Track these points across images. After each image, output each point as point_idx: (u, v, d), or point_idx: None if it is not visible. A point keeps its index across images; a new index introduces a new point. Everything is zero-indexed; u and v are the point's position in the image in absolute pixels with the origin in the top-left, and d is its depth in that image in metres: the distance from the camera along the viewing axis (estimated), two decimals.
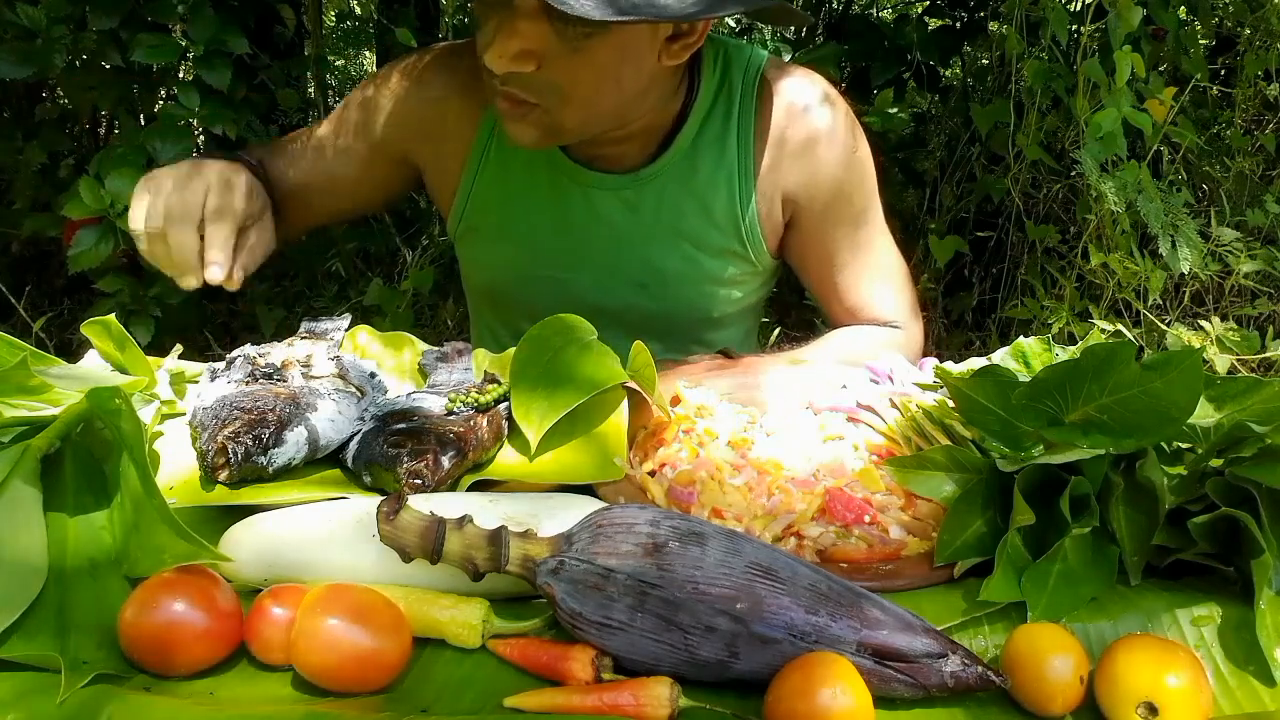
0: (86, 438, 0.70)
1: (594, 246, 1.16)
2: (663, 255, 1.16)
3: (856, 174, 1.16)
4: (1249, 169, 2.31)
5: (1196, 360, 0.67)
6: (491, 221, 1.19)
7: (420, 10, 2.59)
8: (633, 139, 1.11)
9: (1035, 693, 0.58)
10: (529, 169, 1.15)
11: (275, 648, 0.59)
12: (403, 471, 0.71)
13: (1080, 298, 1.99)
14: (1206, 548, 0.68)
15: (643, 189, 1.14)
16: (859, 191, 1.17)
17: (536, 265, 1.19)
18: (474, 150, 1.16)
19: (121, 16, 1.77)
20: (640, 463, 0.82)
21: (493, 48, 0.93)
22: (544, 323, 0.87)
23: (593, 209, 1.15)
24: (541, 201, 1.16)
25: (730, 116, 1.12)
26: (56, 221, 1.88)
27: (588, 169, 1.14)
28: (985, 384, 0.75)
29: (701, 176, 1.13)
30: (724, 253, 1.17)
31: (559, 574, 0.60)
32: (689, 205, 1.14)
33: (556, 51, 0.94)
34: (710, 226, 1.15)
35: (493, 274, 1.24)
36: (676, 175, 1.13)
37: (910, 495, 0.76)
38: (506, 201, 1.17)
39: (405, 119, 1.17)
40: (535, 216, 1.16)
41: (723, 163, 1.13)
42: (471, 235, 1.21)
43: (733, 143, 1.13)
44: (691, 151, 1.13)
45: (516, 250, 1.19)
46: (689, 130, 1.12)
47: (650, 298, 1.18)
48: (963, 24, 2.53)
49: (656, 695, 0.57)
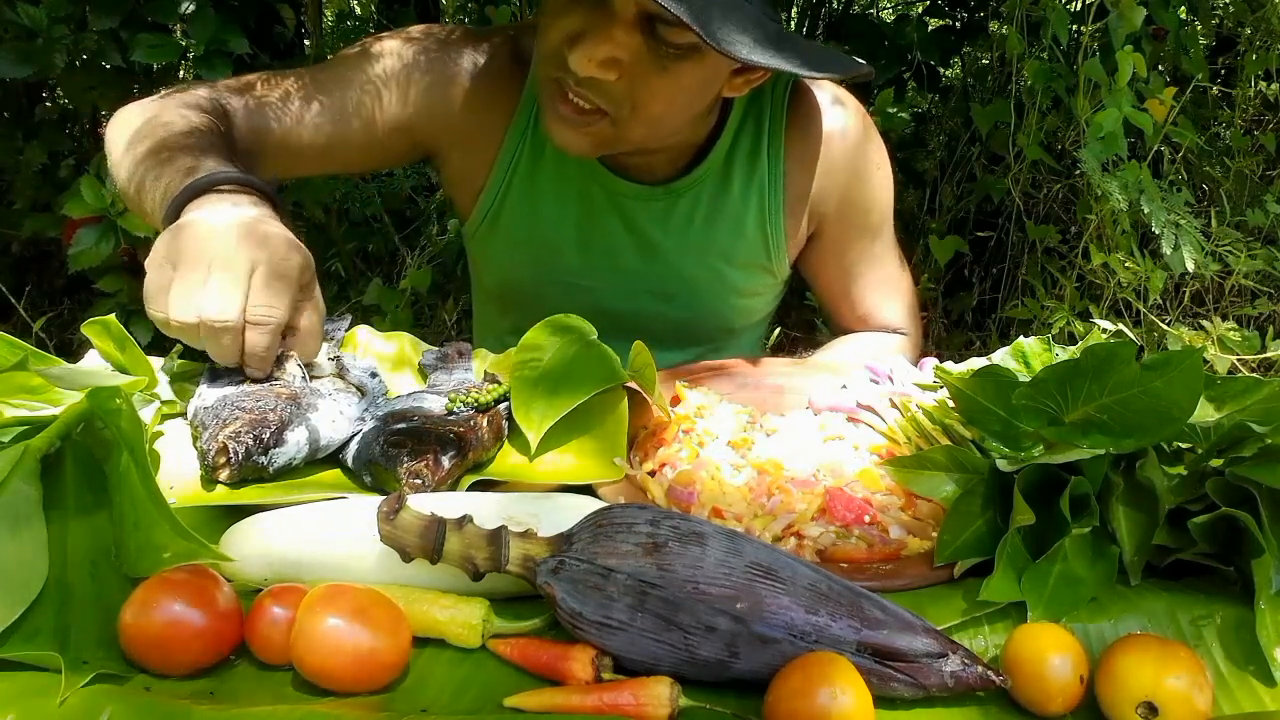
0: (86, 438, 0.69)
1: (620, 255, 1.16)
2: (691, 267, 1.17)
3: (879, 190, 1.19)
4: (1249, 169, 2.31)
5: (1196, 360, 0.67)
6: (516, 226, 1.16)
7: (420, 10, 2.59)
8: (666, 150, 1.10)
9: (1035, 693, 0.58)
10: (559, 173, 1.13)
11: (275, 648, 0.59)
12: (403, 471, 0.71)
13: (1080, 298, 1.99)
14: (1206, 548, 0.68)
15: (675, 201, 1.14)
16: (879, 206, 1.20)
17: (559, 270, 1.18)
18: (505, 150, 1.13)
19: (122, 16, 1.77)
20: (640, 463, 0.82)
21: (581, 49, 0.90)
22: (544, 323, 0.87)
23: (623, 219, 1.14)
24: (570, 207, 1.15)
25: (761, 132, 1.13)
26: (56, 221, 1.88)
27: (621, 178, 1.13)
28: (985, 384, 0.75)
29: (734, 190, 1.14)
30: (751, 265, 1.18)
31: (559, 574, 0.60)
32: (721, 219, 1.15)
33: (644, 66, 0.92)
34: (740, 240, 1.16)
35: (510, 275, 1.22)
36: (709, 188, 1.14)
37: (910, 495, 0.76)
38: (535, 205, 1.15)
39: (432, 108, 1.10)
40: (563, 221, 1.15)
41: (754, 177, 1.14)
42: (492, 234, 1.19)
43: (764, 158, 1.13)
44: (725, 165, 1.13)
45: (539, 254, 1.18)
46: (723, 144, 1.12)
47: (674, 307, 1.19)
48: (963, 24, 2.52)
49: (656, 695, 0.57)
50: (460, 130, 1.13)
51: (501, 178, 1.14)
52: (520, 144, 1.13)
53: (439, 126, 1.12)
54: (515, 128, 1.13)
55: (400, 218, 2.48)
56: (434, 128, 1.12)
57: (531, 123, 1.13)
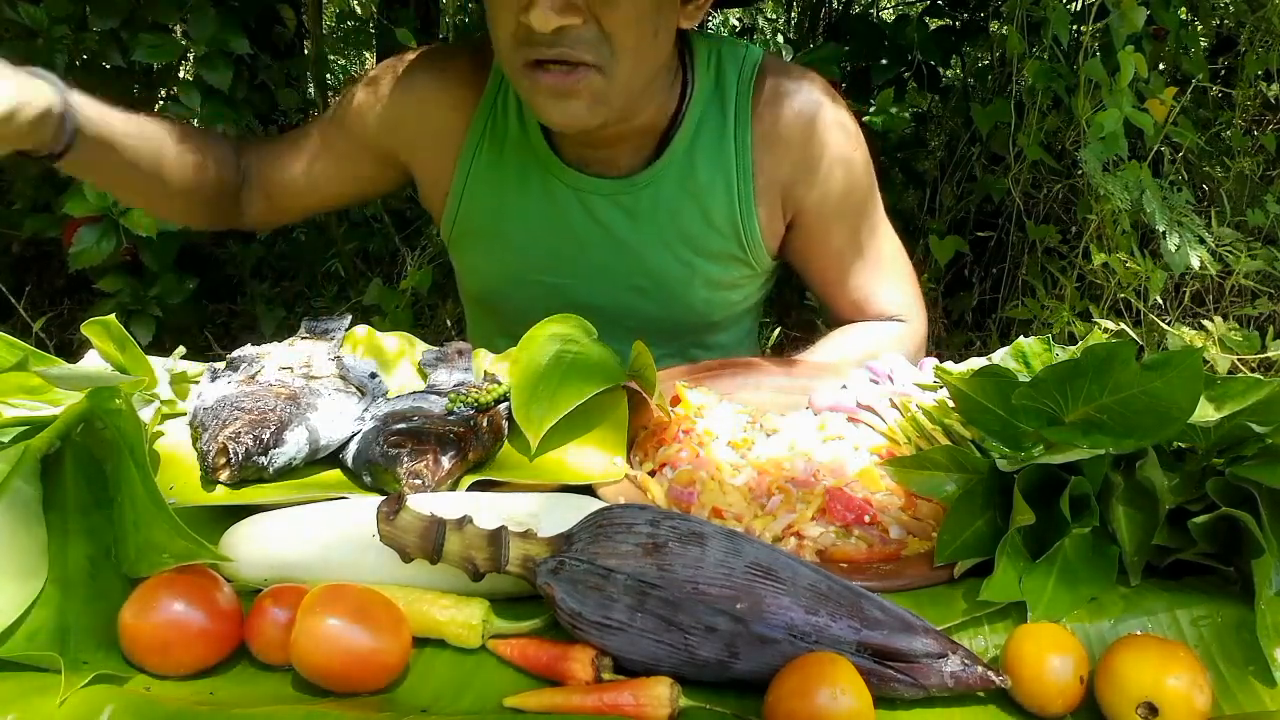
0: (86, 438, 0.69)
1: (589, 251, 1.16)
2: (661, 260, 1.16)
3: (855, 169, 1.15)
4: (1249, 169, 2.31)
5: (1196, 360, 0.67)
6: (484, 226, 1.18)
7: (420, 10, 2.59)
8: (626, 141, 1.10)
9: (1035, 693, 0.58)
10: (521, 172, 1.14)
11: (275, 648, 0.59)
12: (403, 471, 0.71)
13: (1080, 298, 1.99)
14: (1206, 548, 0.68)
15: (639, 193, 1.13)
16: (858, 186, 1.16)
17: (530, 270, 1.18)
18: (464, 152, 1.15)
19: (122, 16, 1.77)
20: (640, 463, 0.82)
21: (537, 8, 0.91)
22: (544, 323, 0.87)
23: (588, 214, 1.14)
24: (534, 205, 1.15)
25: (726, 118, 1.11)
26: (56, 221, 1.88)
27: (582, 173, 1.13)
28: (985, 384, 0.75)
29: (699, 179, 1.12)
30: (723, 256, 1.16)
31: (559, 574, 0.60)
32: (687, 209, 1.13)
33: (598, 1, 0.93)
34: (709, 230, 1.14)
35: (486, 279, 1.23)
36: (674, 179, 1.12)
37: (910, 495, 0.76)
38: (499, 205, 1.16)
39: (393, 121, 1.16)
40: (529, 221, 1.15)
41: (720, 165, 1.12)
42: (464, 240, 1.21)
43: (730, 144, 1.12)
44: (688, 154, 1.12)
45: (509, 255, 1.18)
46: (685, 132, 1.11)
47: (649, 302, 1.18)
48: (963, 24, 2.52)
49: (656, 695, 0.57)
50: (423, 137, 1.16)
51: (463, 176, 1.16)
52: (480, 141, 1.14)
53: (399, 135, 1.17)
54: (475, 127, 1.14)
55: (400, 218, 2.48)
56: (394, 136, 1.17)
57: (490, 125, 1.14)
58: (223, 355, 0.89)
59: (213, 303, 2.44)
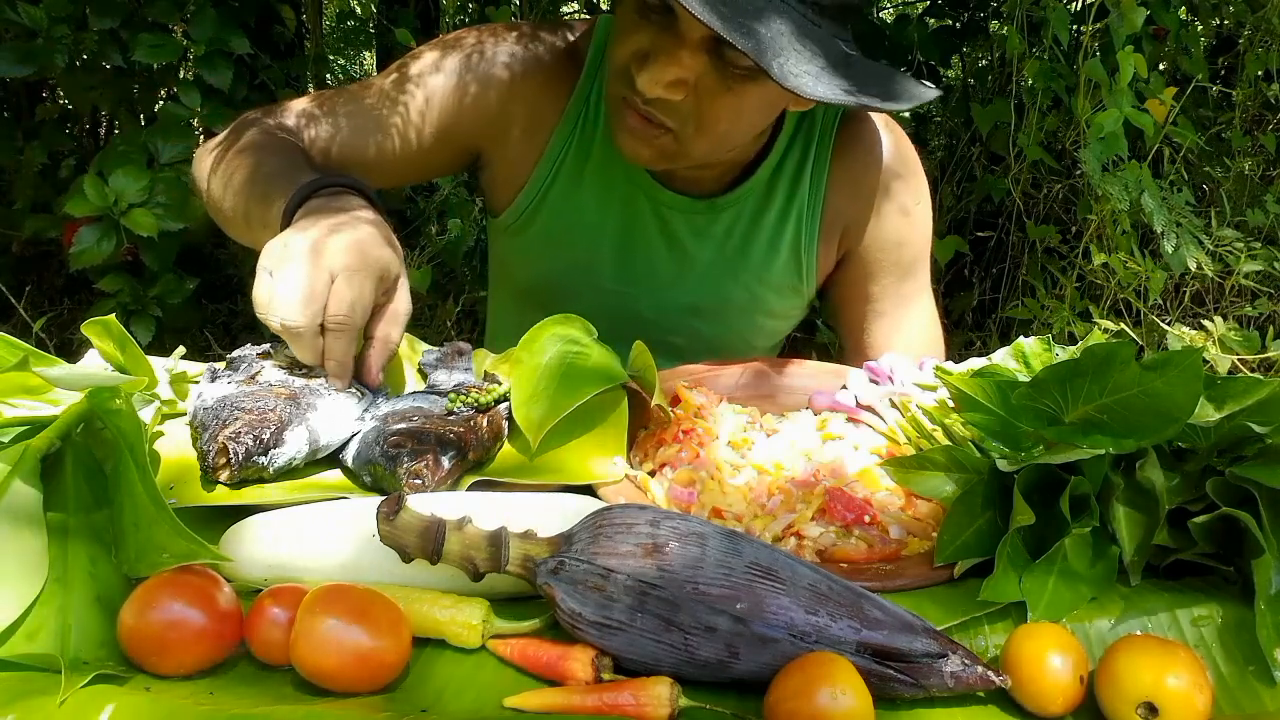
0: (86, 438, 0.69)
1: (657, 265, 1.16)
2: (727, 285, 1.16)
3: (914, 227, 1.17)
4: (1249, 169, 2.31)
5: (1196, 360, 0.66)
6: (556, 223, 1.16)
7: (420, 10, 2.59)
8: (711, 168, 1.10)
9: (1035, 693, 0.58)
10: (605, 176, 1.13)
11: (275, 648, 0.59)
12: (403, 472, 0.71)
13: (1081, 298, 1.99)
14: (1206, 548, 0.68)
15: (718, 216, 1.13)
16: (911, 243, 1.18)
17: (593, 273, 1.17)
18: (551, 148, 1.12)
19: (122, 16, 1.77)
20: (640, 463, 0.82)
21: (649, 72, 0.91)
22: (545, 323, 0.87)
23: (664, 228, 1.14)
24: (612, 211, 1.14)
25: (808, 154, 1.12)
26: (57, 221, 1.88)
27: (666, 188, 1.12)
28: (985, 384, 0.75)
29: (774, 211, 1.13)
30: (784, 288, 1.18)
31: (559, 574, 0.60)
32: (758, 238, 1.14)
33: (710, 86, 0.92)
34: (774, 260, 1.15)
35: (544, 274, 1.21)
36: (751, 207, 1.13)
37: (910, 495, 0.76)
38: (577, 205, 1.14)
39: (479, 112, 1.10)
40: (603, 224, 1.15)
41: (795, 199, 1.13)
42: (529, 231, 1.17)
43: (806, 180, 1.13)
44: (769, 185, 1.13)
45: (576, 254, 1.17)
46: (769, 163, 1.12)
47: (703, 323, 1.18)
48: (963, 24, 2.52)
49: (656, 695, 0.57)
50: (507, 128, 1.12)
51: (546, 175, 1.13)
52: (568, 143, 1.12)
53: (486, 128, 1.12)
54: (564, 127, 1.12)
55: (400, 218, 2.48)
56: (480, 130, 1.12)
57: (581, 123, 1.12)
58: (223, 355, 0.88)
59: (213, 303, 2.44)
